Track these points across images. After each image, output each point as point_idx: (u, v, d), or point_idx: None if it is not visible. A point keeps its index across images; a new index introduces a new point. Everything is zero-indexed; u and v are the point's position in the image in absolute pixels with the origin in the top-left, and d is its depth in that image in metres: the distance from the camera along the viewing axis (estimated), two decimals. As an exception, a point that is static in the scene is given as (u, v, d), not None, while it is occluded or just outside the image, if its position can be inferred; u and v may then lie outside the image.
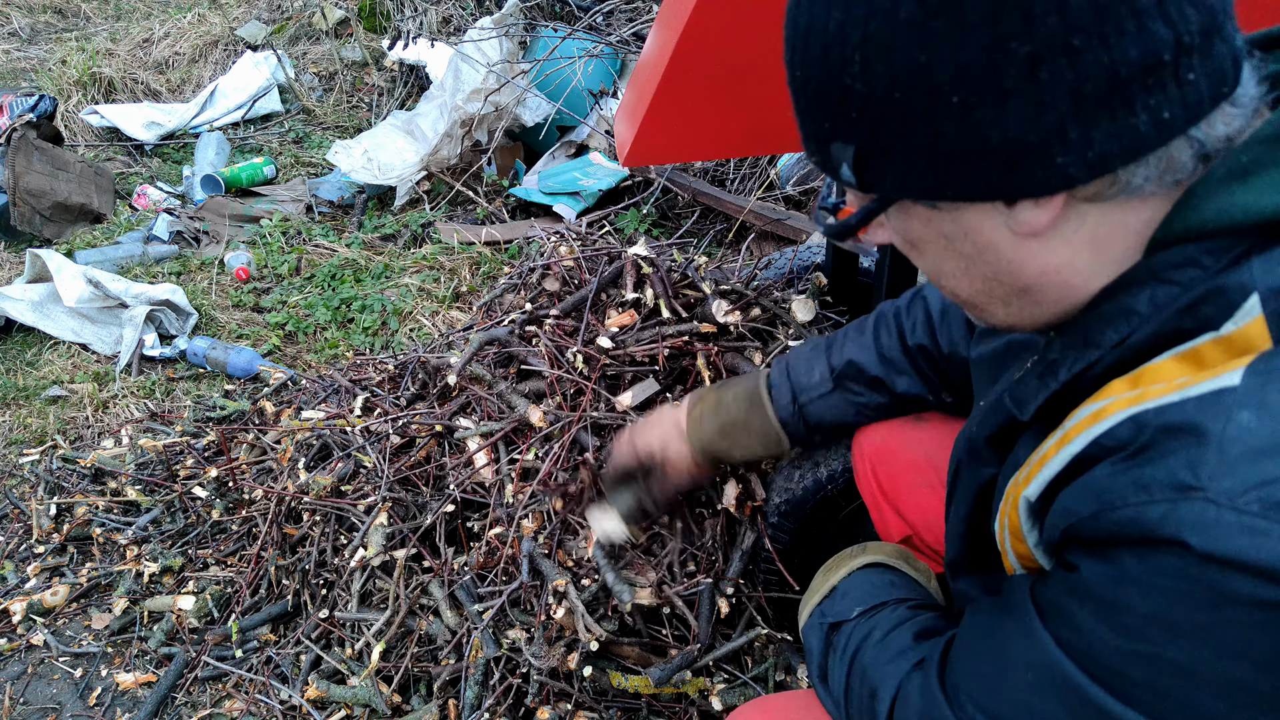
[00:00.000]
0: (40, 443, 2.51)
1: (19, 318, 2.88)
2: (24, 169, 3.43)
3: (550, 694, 1.54)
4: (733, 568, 1.57)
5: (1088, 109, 0.58)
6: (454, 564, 1.66)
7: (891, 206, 0.69)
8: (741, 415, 1.29)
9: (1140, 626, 0.60)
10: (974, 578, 0.85)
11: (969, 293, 0.73)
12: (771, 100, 1.53)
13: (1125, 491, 0.60)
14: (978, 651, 0.75)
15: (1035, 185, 0.62)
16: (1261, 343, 0.58)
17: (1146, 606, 0.59)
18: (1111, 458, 0.63)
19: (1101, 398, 0.66)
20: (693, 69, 1.47)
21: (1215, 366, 0.59)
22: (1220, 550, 0.54)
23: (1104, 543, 0.62)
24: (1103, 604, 0.62)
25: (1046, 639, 0.66)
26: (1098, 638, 0.63)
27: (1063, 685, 0.65)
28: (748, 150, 1.64)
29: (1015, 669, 0.69)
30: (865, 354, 1.22)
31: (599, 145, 3.66)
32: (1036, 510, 0.71)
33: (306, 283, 3.16)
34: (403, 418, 1.87)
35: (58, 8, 5.86)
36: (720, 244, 3.17)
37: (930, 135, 0.61)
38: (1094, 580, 0.63)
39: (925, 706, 0.78)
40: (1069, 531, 0.65)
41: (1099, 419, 0.64)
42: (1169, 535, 0.57)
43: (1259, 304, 0.59)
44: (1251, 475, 0.54)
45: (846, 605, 0.99)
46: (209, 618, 1.94)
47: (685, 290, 1.90)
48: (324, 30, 4.93)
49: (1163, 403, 0.60)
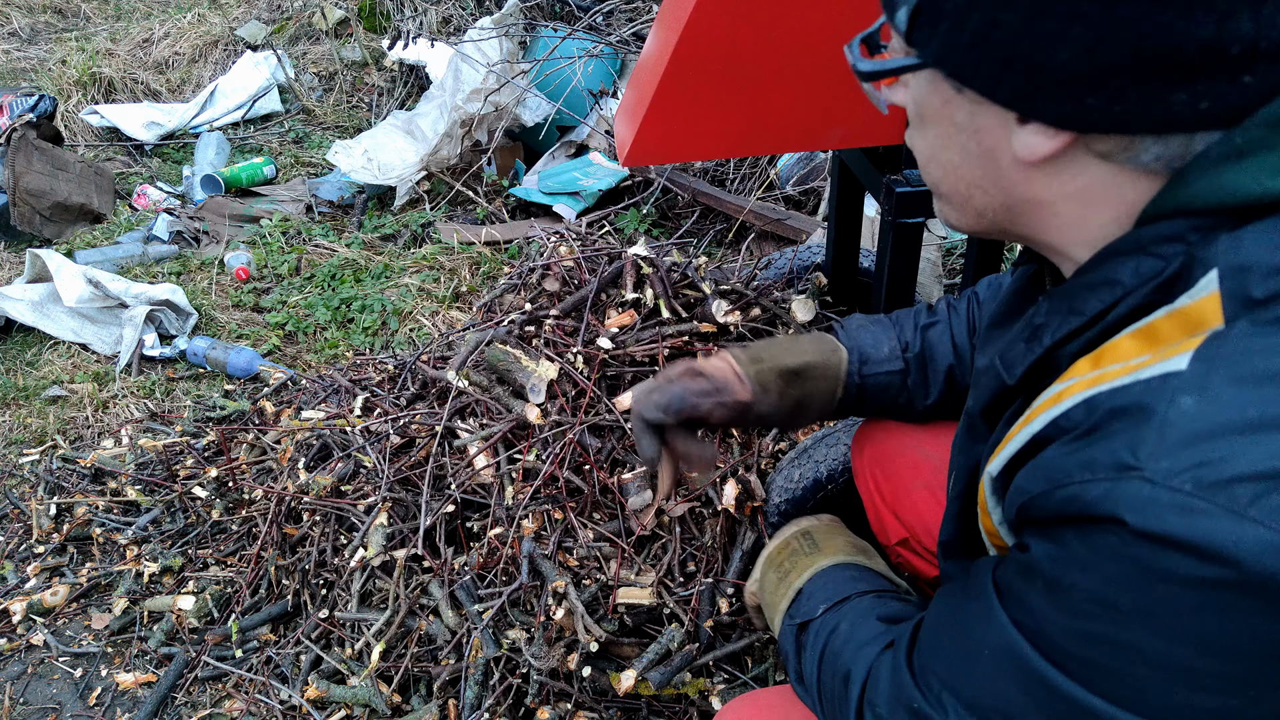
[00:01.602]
0: (40, 443, 2.51)
1: (19, 318, 2.88)
2: (24, 169, 3.43)
3: (550, 694, 1.54)
4: (733, 568, 1.57)
5: (1139, 65, 0.57)
6: (454, 564, 1.66)
7: (924, 71, 0.68)
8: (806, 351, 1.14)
9: (1085, 606, 0.60)
10: (962, 561, 0.85)
11: (951, 187, 0.73)
12: (772, 100, 1.53)
13: (1071, 470, 0.60)
14: (944, 632, 0.76)
15: (1055, 114, 0.62)
16: (1213, 319, 0.58)
17: (1090, 586, 0.60)
18: (1064, 438, 0.63)
19: (1066, 379, 0.66)
20: (693, 69, 1.47)
21: (1168, 344, 0.60)
22: (1154, 528, 0.55)
23: (1051, 522, 0.62)
24: (1051, 584, 0.63)
25: (1004, 620, 0.67)
26: (1047, 617, 0.63)
27: (1019, 665, 0.65)
28: (748, 150, 1.64)
29: (978, 650, 0.70)
30: (943, 346, 1.17)
31: (599, 145, 3.66)
32: (999, 487, 0.72)
33: (306, 283, 3.16)
34: (403, 418, 1.87)
35: (58, 8, 5.86)
36: (720, 244, 3.17)
37: (990, 22, 0.61)
38: (1042, 560, 0.63)
39: (894, 687, 0.78)
40: (1022, 511, 0.66)
41: (1059, 400, 0.65)
42: (1107, 513, 0.57)
43: (1216, 280, 0.59)
44: (1188, 457, 0.55)
45: (812, 605, 1.00)
46: (209, 618, 1.94)
47: (685, 290, 1.90)
48: (324, 30, 4.92)
49: (1115, 385, 0.61)
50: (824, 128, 1.58)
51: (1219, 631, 0.56)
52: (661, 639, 1.50)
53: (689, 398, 1.07)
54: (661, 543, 1.65)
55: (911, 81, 0.71)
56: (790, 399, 1.12)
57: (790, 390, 1.12)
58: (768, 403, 1.10)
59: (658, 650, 1.48)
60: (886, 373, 1.15)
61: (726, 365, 1.11)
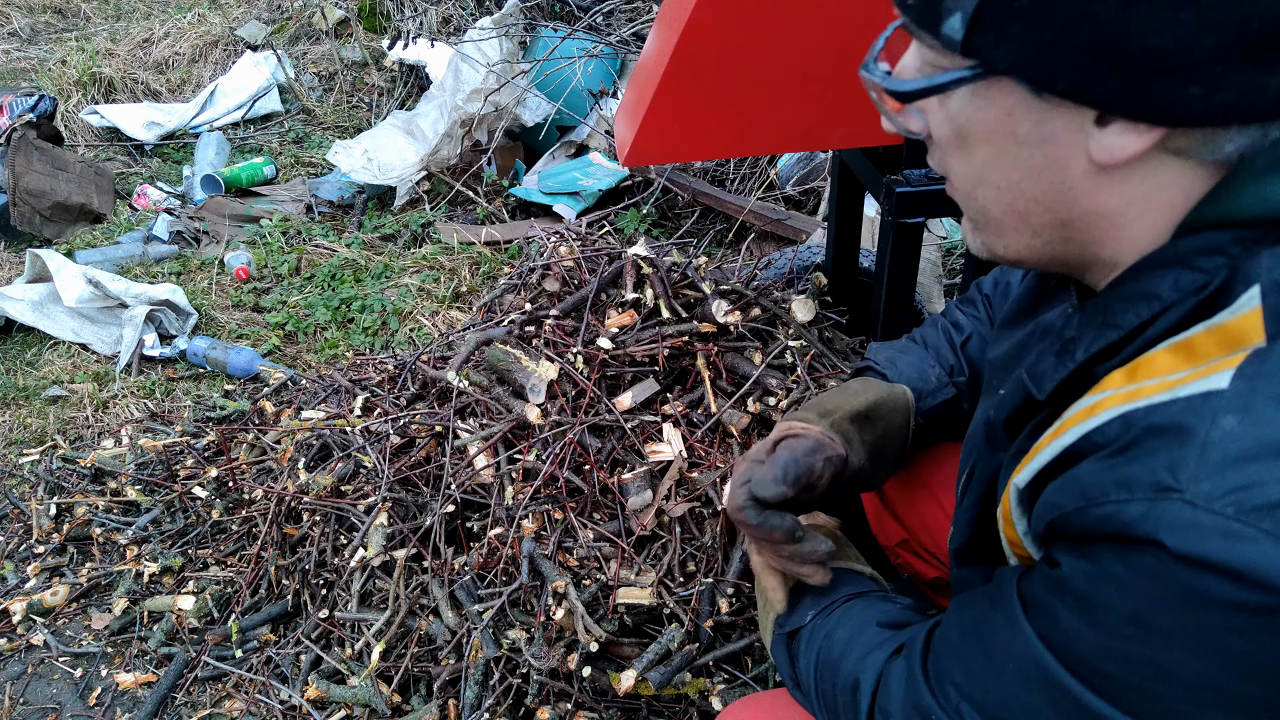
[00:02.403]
0: (40, 443, 2.51)
1: (19, 318, 2.88)
2: (24, 169, 3.43)
3: (550, 694, 1.54)
4: (733, 568, 1.57)
5: (1244, 48, 0.54)
6: (454, 564, 1.66)
7: (980, 81, 0.62)
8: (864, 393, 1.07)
9: (1119, 625, 0.59)
10: (978, 568, 0.84)
11: (1006, 208, 0.68)
12: (772, 100, 1.53)
13: (1107, 488, 0.59)
14: (964, 641, 0.74)
15: (1149, 109, 0.58)
16: (1255, 336, 0.57)
17: (1125, 605, 0.59)
18: (1098, 454, 0.62)
19: (1098, 391, 0.65)
20: (693, 69, 1.47)
21: (1208, 360, 0.58)
22: (1195, 551, 0.54)
23: (1085, 539, 0.61)
24: (1083, 601, 0.61)
25: (1030, 634, 0.66)
26: (1078, 635, 0.62)
27: (1046, 680, 0.64)
28: (748, 150, 1.64)
29: (1001, 663, 0.69)
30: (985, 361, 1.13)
31: (599, 145, 3.66)
32: (1025, 499, 0.70)
33: (306, 283, 3.16)
34: (403, 418, 1.87)
35: (58, 8, 5.86)
36: (720, 244, 3.17)
37: (1076, 15, 0.56)
38: (1074, 577, 0.62)
39: (909, 694, 0.76)
40: (1052, 526, 0.65)
41: (1093, 413, 0.64)
42: (1146, 534, 0.56)
43: (1259, 296, 0.58)
44: (1230, 479, 0.54)
45: (800, 614, 0.98)
46: (209, 618, 1.94)
47: (685, 290, 1.90)
48: (324, 30, 4.92)
49: (1153, 402, 0.59)
50: (824, 128, 1.58)
51: (1258, 655, 0.55)
52: (661, 639, 1.50)
53: (801, 459, 0.95)
54: (661, 543, 1.65)
55: (954, 99, 0.65)
56: (866, 445, 1.03)
57: (865, 436, 1.03)
58: (855, 453, 1.01)
59: (658, 650, 1.48)
60: (942, 402, 1.10)
61: (801, 424, 1.00)
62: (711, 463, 1.69)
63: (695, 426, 1.74)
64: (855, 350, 1.94)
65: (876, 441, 1.04)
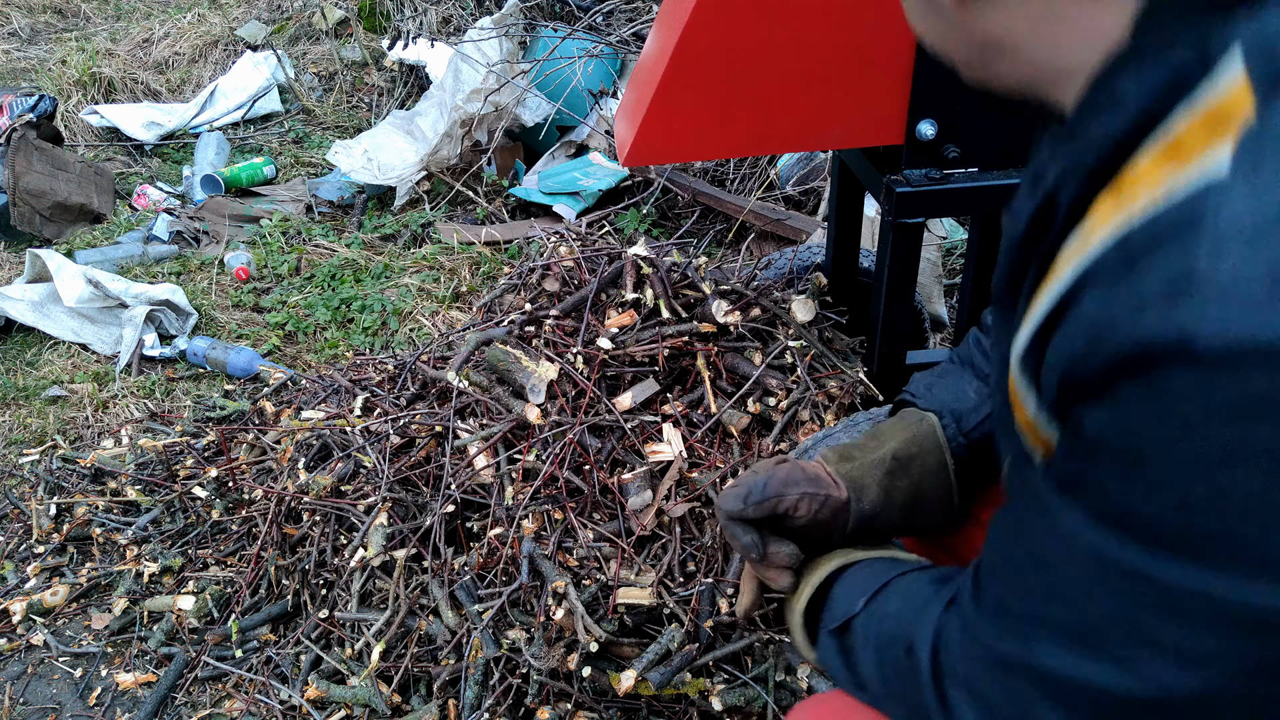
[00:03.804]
0: (40, 443, 2.51)
1: (19, 318, 2.88)
2: (24, 169, 3.43)
3: (550, 694, 1.54)
4: (733, 568, 1.57)
5: None
6: (454, 564, 1.66)
7: None
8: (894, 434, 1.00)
9: (1169, 469, 0.50)
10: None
11: (936, 50, 0.71)
12: (772, 100, 1.53)
13: (1116, 314, 0.51)
14: (1008, 562, 0.64)
15: None
16: (1244, 109, 0.49)
17: (1170, 441, 0.50)
18: (1097, 285, 0.54)
19: (1087, 226, 0.57)
20: (693, 69, 1.47)
21: (1197, 154, 0.51)
22: (1231, 343, 0.46)
23: (1103, 383, 0.52)
24: (1120, 456, 0.52)
25: (1075, 519, 0.56)
26: (1129, 498, 0.53)
27: (1108, 564, 0.55)
28: (748, 150, 1.64)
29: (1055, 565, 0.58)
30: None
31: (599, 145, 3.66)
32: (1029, 365, 0.62)
33: (306, 283, 3.16)
34: (403, 418, 1.87)
35: (58, 8, 5.86)
36: (720, 244, 3.17)
37: None
38: (1103, 432, 0.53)
39: (969, 643, 0.66)
40: (1064, 383, 0.56)
41: (1086, 247, 0.56)
42: (1171, 344, 0.48)
43: (1240, 64, 0.50)
44: (1254, 253, 0.47)
45: (847, 605, 0.86)
46: (209, 618, 1.94)
47: (685, 290, 1.90)
48: (324, 30, 4.92)
49: (1149, 215, 0.52)
50: (824, 128, 1.58)
51: None
52: (661, 639, 1.50)
53: (773, 485, 0.92)
54: (661, 543, 1.65)
55: None
56: (900, 492, 0.96)
57: (897, 483, 0.96)
58: (870, 500, 0.95)
59: (658, 650, 1.48)
60: (985, 418, 0.99)
61: (817, 464, 0.97)
62: (711, 463, 1.69)
63: (695, 426, 1.74)
64: (855, 350, 1.94)
65: (911, 487, 0.98)
